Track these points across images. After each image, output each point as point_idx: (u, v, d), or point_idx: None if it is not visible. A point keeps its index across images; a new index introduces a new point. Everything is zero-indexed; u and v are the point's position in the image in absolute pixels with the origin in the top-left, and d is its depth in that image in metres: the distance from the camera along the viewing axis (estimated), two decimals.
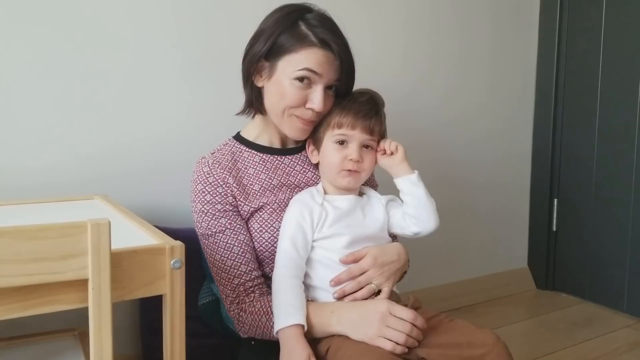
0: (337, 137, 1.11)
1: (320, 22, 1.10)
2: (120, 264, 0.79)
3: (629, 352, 1.80)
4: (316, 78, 1.09)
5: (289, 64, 1.09)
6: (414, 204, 1.13)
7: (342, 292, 1.06)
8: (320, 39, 1.08)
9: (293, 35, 1.08)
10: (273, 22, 1.11)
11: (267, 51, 1.10)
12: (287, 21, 1.09)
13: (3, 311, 0.73)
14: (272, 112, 1.16)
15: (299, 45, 1.08)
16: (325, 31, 1.09)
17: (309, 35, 1.08)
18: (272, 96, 1.13)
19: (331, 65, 1.09)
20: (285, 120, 1.14)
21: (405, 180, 1.13)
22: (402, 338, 0.97)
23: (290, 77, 1.09)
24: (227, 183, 1.14)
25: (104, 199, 1.27)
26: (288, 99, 1.10)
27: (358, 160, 1.10)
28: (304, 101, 1.11)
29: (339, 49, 1.09)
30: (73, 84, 1.39)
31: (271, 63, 1.11)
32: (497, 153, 2.30)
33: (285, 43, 1.09)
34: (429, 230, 1.14)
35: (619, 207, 2.14)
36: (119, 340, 1.24)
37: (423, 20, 2.01)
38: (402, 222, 1.15)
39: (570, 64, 2.29)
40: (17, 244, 0.70)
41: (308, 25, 1.09)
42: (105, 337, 0.76)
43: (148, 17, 1.47)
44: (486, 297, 2.25)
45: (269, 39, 1.10)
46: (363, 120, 1.10)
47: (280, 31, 1.09)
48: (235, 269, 1.11)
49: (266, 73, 1.13)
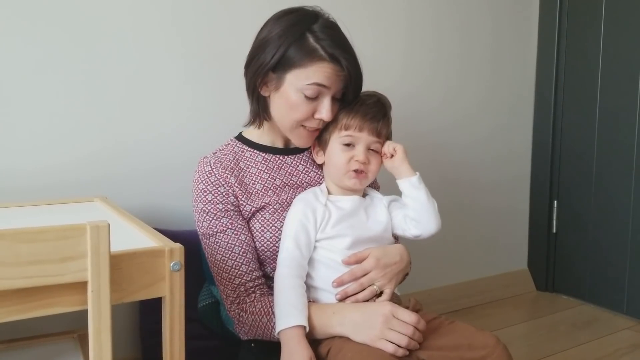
0: (344, 138, 1.11)
1: (328, 35, 1.09)
2: (119, 266, 0.79)
3: (629, 354, 1.80)
4: (325, 90, 1.09)
5: (298, 78, 1.08)
6: (414, 206, 1.12)
7: (344, 293, 1.06)
8: (330, 54, 1.07)
9: (301, 49, 1.07)
10: (279, 33, 1.09)
11: (275, 64, 1.09)
12: (295, 33, 1.08)
13: (2, 314, 0.73)
14: (280, 122, 1.16)
15: (308, 60, 1.07)
16: (334, 45, 1.08)
17: (317, 50, 1.07)
18: (281, 108, 1.13)
19: (338, 77, 1.10)
20: (294, 131, 1.15)
21: (406, 182, 1.13)
22: (404, 341, 0.97)
23: (299, 90, 1.09)
24: (228, 183, 1.14)
25: (104, 201, 1.27)
26: (297, 112, 1.11)
27: (364, 162, 1.11)
28: (313, 112, 1.11)
29: (347, 63, 1.09)
30: (73, 86, 1.39)
31: (278, 75, 1.10)
32: (497, 154, 2.30)
33: (293, 57, 1.08)
34: (430, 233, 1.14)
35: (619, 209, 2.14)
36: (119, 342, 1.24)
37: (423, 23, 2.01)
38: (403, 224, 1.15)
39: (569, 64, 2.29)
40: (16, 246, 0.70)
41: (316, 38, 1.08)
42: (104, 339, 0.76)
43: (149, 18, 1.47)
44: (486, 299, 2.25)
45: (277, 52, 1.08)
46: (370, 122, 1.10)
47: (289, 44, 1.08)
48: (236, 269, 1.11)
49: (273, 85, 1.12)
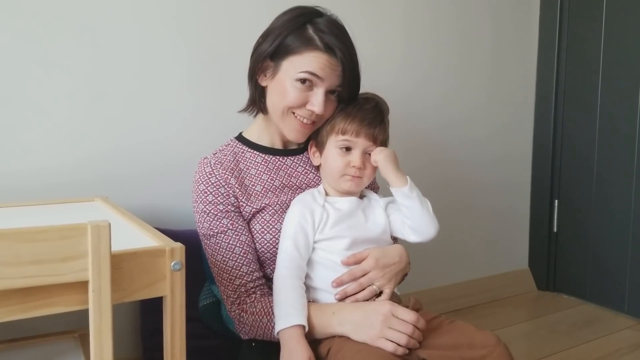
0: (341, 143, 1.12)
1: (329, 28, 1.10)
2: (120, 265, 0.79)
3: (630, 353, 1.80)
4: (318, 81, 1.10)
5: (292, 65, 1.10)
6: (408, 215, 1.12)
7: (343, 294, 1.06)
8: (325, 43, 1.08)
9: (299, 38, 1.09)
10: (282, 23, 1.12)
11: (273, 51, 1.11)
12: (296, 23, 1.10)
13: (3, 313, 0.73)
14: (272, 111, 1.16)
15: (303, 48, 1.08)
16: (332, 37, 1.09)
17: (314, 39, 1.09)
18: (274, 95, 1.14)
19: (334, 71, 1.10)
20: (285, 119, 1.14)
21: (398, 192, 1.11)
22: (403, 339, 0.97)
23: (292, 78, 1.10)
24: (229, 184, 1.14)
25: (104, 200, 1.27)
26: (289, 98, 1.11)
27: (360, 167, 1.11)
28: (305, 102, 1.11)
29: (342, 55, 1.09)
30: (75, 86, 1.39)
31: (275, 63, 1.12)
32: (498, 154, 2.30)
33: (290, 44, 1.09)
34: (429, 237, 1.14)
35: (619, 208, 2.14)
36: (120, 342, 1.24)
37: (422, 21, 2.01)
38: (402, 229, 1.15)
39: (570, 64, 2.28)
40: (17, 246, 0.70)
41: (316, 29, 1.09)
42: (105, 339, 0.76)
43: (151, 19, 1.47)
44: (487, 299, 2.25)
45: (276, 40, 1.11)
46: (368, 128, 1.10)
47: (288, 33, 1.10)
48: (236, 269, 1.11)
49: (270, 72, 1.14)
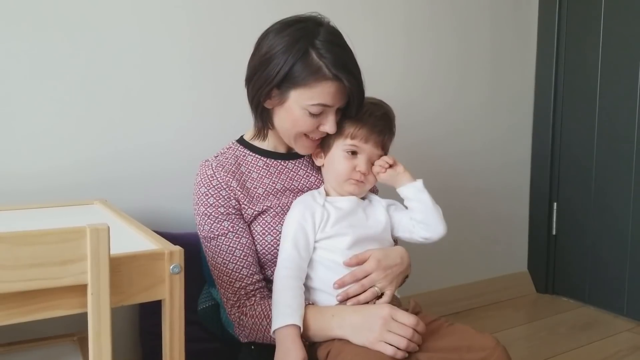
0: (349, 147, 1.12)
1: (331, 51, 1.07)
2: (119, 269, 0.79)
3: (629, 355, 1.80)
4: (328, 108, 1.10)
5: (302, 97, 1.08)
6: (421, 209, 1.13)
7: (345, 295, 1.06)
8: (334, 74, 1.06)
9: (305, 68, 1.06)
10: (282, 49, 1.07)
11: (280, 81, 1.08)
12: (299, 51, 1.06)
13: (2, 316, 0.73)
14: (283, 133, 1.16)
15: (312, 80, 1.07)
16: (337, 63, 1.07)
17: (321, 69, 1.06)
18: (284, 121, 1.13)
19: (342, 94, 1.10)
20: (297, 141, 1.16)
21: (411, 187, 1.14)
22: (403, 343, 0.97)
23: (303, 108, 1.09)
24: (230, 186, 1.14)
25: (104, 204, 1.27)
26: (302, 127, 1.12)
27: (366, 172, 1.12)
28: (317, 126, 1.12)
29: (349, 83, 1.08)
30: (73, 89, 1.39)
31: (282, 91, 1.10)
32: (497, 156, 2.30)
33: (298, 75, 1.07)
34: (439, 235, 1.14)
35: (618, 211, 2.14)
36: (119, 345, 1.24)
37: (422, 27, 2.02)
38: (411, 226, 1.15)
39: (569, 67, 2.29)
40: (16, 249, 0.70)
41: (319, 55, 1.06)
42: (104, 342, 0.76)
43: (151, 21, 1.47)
44: (486, 301, 2.25)
45: (281, 69, 1.07)
46: (378, 135, 1.12)
47: (293, 62, 1.06)
48: (236, 272, 1.11)
49: (277, 99, 1.12)
